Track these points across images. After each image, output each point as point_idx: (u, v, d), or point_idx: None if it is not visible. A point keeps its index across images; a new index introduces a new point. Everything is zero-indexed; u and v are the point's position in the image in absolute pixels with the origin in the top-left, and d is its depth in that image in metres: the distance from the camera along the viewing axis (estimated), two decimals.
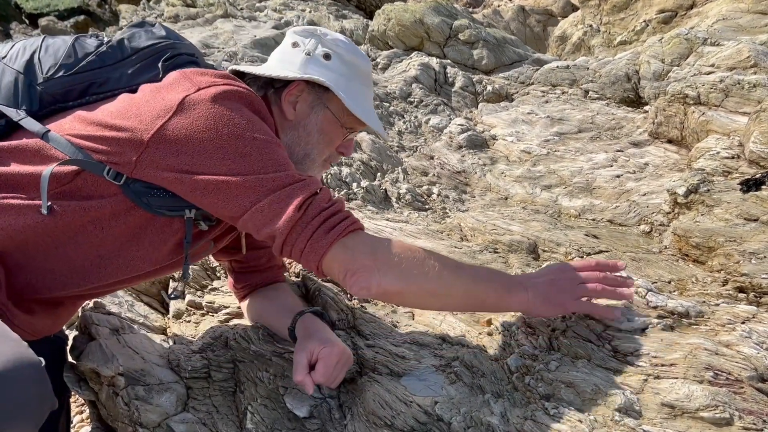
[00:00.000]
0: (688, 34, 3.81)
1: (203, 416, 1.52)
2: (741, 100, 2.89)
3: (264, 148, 1.31)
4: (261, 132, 1.33)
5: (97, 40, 1.54)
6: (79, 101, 1.45)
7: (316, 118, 1.53)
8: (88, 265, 1.40)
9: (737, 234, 2.06)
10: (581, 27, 6.86)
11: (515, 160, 3.46)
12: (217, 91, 1.33)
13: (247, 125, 1.31)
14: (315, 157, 1.57)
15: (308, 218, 1.27)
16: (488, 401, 1.43)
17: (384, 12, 5.83)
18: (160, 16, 9.38)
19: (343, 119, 1.54)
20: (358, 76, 1.56)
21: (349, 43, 1.59)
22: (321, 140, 1.56)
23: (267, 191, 1.27)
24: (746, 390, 1.32)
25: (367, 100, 1.58)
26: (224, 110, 1.31)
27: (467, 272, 1.39)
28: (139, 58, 1.49)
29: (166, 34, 1.57)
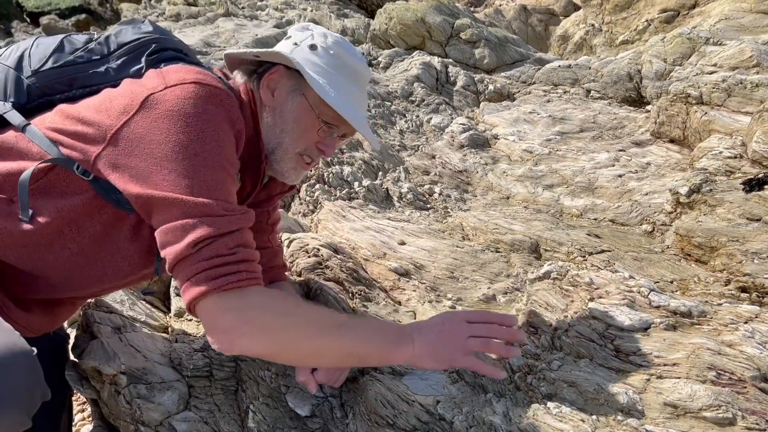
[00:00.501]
0: (690, 33, 3.80)
1: (205, 415, 1.52)
2: (743, 100, 2.88)
3: (204, 167, 1.24)
4: (212, 144, 1.26)
5: (87, 36, 1.54)
6: (66, 94, 1.45)
7: (292, 104, 1.46)
8: (72, 269, 1.38)
9: (740, 234, 2.06)
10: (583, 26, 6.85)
11: (517, 159, 3.45)
12: (182, 91, 1.28)
13: (199, 135, 1.25)
14: (288, 147, 1.48)
15: (198, 258, 1.19)
16: (490, 401, 1.43)
17: (385, 11, 5.82)
18: (161, 14, 9.38)
19: (319, 109, 1.45)
20: (344, 71, 1.48)
21: (343, 41, 1.54)
22: (295, 129, 1.47)
23: (181, 214, 1.20)
24: (749, 390, 1.32)
25: (351, 97, 1.47)
26: (183, 114, 1.26)
27: (349, 333, 1.29)
28: (124, 52, 1.48)
29: (152, 30, 1.55)
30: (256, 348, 1.25)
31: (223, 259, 1.20)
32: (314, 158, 1.53)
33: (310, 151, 1.51)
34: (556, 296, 1.77)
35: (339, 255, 2.11)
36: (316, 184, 2.97)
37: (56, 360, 1.64)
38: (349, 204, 2.78)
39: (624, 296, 1.67)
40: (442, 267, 2.20)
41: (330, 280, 1.96)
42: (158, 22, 8.56)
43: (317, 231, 2.55)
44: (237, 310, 1.20)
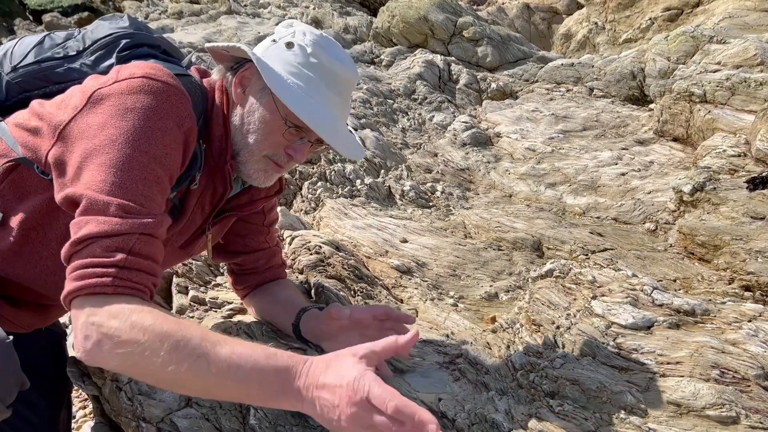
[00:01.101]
0: (693, 31, 3.79)
1: (206, 411, 1.51)
2: (747, 98, 2.87)
3: (125, 164, 1.16)
4: (143, 141, 1.19)
5: (68, 32, 1.53)
6: (43, 90, 1.43)
7: (259, 104, 1.37)
8: (48, 276, 1.35)
9: (743, 232, 2.05)
10: (586, 25, 6.84)
11: (519, 157, 3.45)
12: (127, 85, 1.23)
13: (131, 130, 1.19)
14: (253, 149, 1.39)
15: (78, 257, 1.12)
16: (492, 398, 1.43)
17: (388, 9, 5.81)
18: (163, 12, 9.38)
19: (285, 110, 1.34)
20: (319, 72, 1.36)
21: (326, 40, 1.42)
22: (260, 130, 1.37)
23: (82, 210, 1.14)
24: (753, 388, 1.32)
25: (323, 99, 1.35)
26: (122, 108, 1.21)
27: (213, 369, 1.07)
28: (97, 47, 1.45)
29: (128, 25, 1.51)
30: (109, 362, 1.10)
31: (95, 260, 1.11)
32: (283, 163, 1.42)
33: (277, 156, 1.40)
34: (559, 294, 1.77)
35: (341, 252, 2.10)
36: (318, 181, 2.97)
37: (53, 356, 1.62)
38: (351, 202, 2.78)
39: (627, 294, 1.66)
40: (444, 265, 2.19)
41: (332, 278, 1.96)
42: (160, 19, 8.56)
43: (319, 228, 2.55)
44: (95, 317, 1.09)
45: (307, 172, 3.04)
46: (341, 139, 1.40)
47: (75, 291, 1.10)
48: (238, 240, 1.70)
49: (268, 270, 1.75)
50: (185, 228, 1.47)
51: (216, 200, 1.47)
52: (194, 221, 1.47)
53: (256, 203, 1.62)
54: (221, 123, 1.40)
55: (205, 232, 1.54)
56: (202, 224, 1.51)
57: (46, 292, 1.39)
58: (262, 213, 1.69)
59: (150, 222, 1.16)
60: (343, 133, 1.43)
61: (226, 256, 1.74)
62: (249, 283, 1.77)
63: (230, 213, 1.57)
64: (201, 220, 1.49)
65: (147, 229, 1.15)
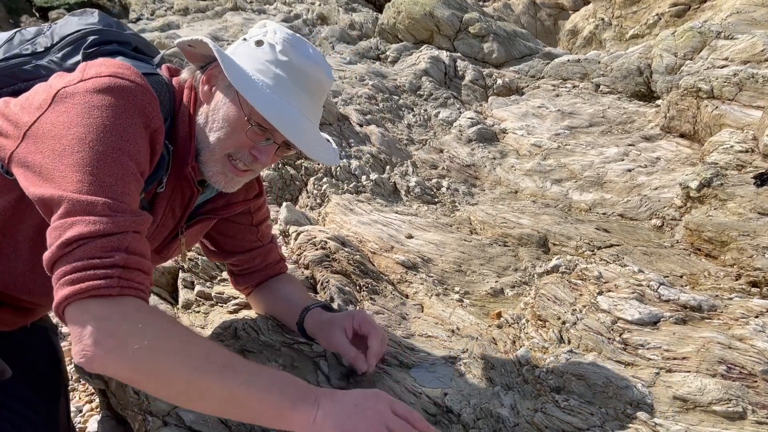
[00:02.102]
0: (701, 27, 3.77)
1: None
2: (755, 94, 2.86)
3: (99, 162, 1.13)
4: (113, 138, 1.15)
5: (38, 28, 1.50)
6: (12, 88, 1.39)
7: (224, 101, 1.32)
8: (20, 278, 1.31)
9: (751, 228, 2.04)
10: (593, 21, 6.81)
11: (525, 153, 3.44)
12: (93, 84, 1.19)
13: (100, 128, 1.14)
14: (214, 147, 1.33)
15: (69, 260, 1.06)
16: (498, 393, 1.42)
17: (394, 5, 5.81)
18: (169, 8, 9.39)
19: (247, 108, 1.29)
20: (288, 70, 1.32)
21: (298, 40, 1.37)
22: (223, 128, 1.32)
23: (64, 213, 1.09)
24: (759, 384, 1.31)
25: (290, 98, 1.30)
26: (88, 106, 1.17)
27: (239, 376, 1.08)
28: (64, 44, 1.41)
29: (96, 21, 1.47)
30: (117, 368, 1.05)
31: (93, 262, 1.05)
32: (248, 165, 1.35)
33: (242, 156, 1.34)
34: (565, 290, 1.76)
35: (346, 248, 2.10)
36: (324, 177, 2.97)
37: (44, 350, 1.60)
38: (357, 197, 2.78)
39: (633, 290, 1.66)
40: (449, 260, 2.19)
41: (337, 273, 1.96)
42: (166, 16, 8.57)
43: (324, 224, 2.55)
44: (100, 321, 1.03)
45: (313, 168, 3.04)
46: (308, 140, 1.33)
47: (73, 295, 1.03)
48: (228, 240, 1.68)
49: (266, 268, 1.74)
50: (157, 232, 1.42)
51: (185, 203, 1.43)
52: (166, 225, 1.43)
53: (233, 206, 1.57)
54: (187, 123, 1.35)
55: (178, 236, 1.49)
56: (174, 228, 1.46)
57: (19, 295, 1.35)
58: (249, 213, 1.66)
59: (138, 219, 1.13)
60: (311, 134, 1.36)
61: (221, 256, 1.72)
62: (249, 283, 1.76)
63: (205, 216, 1.53)
64: (173, 224, 1.45)
65: (137, 226, 1.12)
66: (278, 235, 2.36)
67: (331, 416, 1.10)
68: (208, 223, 1.58)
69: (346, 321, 1.50)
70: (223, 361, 1.09)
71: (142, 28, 7.42)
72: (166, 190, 1.37)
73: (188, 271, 2.08)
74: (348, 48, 5.49)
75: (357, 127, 3.59)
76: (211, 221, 1.58)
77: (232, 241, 1.69)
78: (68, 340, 2.47)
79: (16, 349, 1.24)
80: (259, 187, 1.65)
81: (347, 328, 1.49)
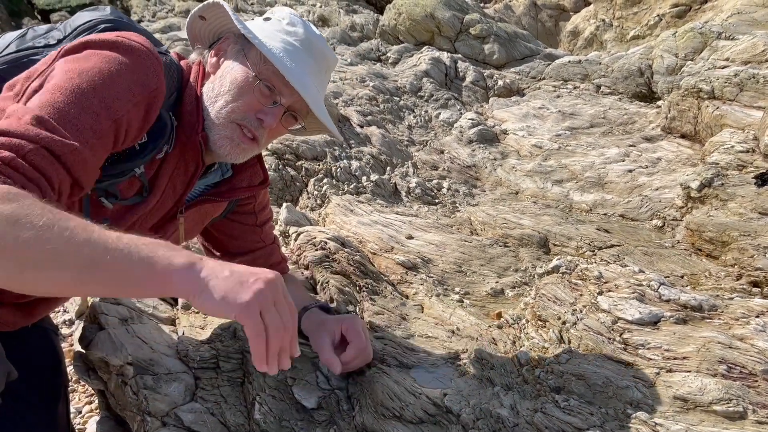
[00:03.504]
0: (702, 28, 3.77)
1: (211, 406, 1.51)
2: (756, 95, 2.85)
3: (70, 94, 1.12)
4: (100, 85, 1.14)
5: (50, 26, 1.52)
6: None
7: (232, 66, 1.35)
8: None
9: (751, 228, 2.04)
10: (593, 22, 6.81)
11: (526, 154, 3.43)
12: (100, 39, 1.21)
13: (91, 72, 1.15)
14: (221, 112, 1.33)
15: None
16: (498, 393, 1.42)
17: (395, 6, 5.81)
18: (171, 10, 9.40)
19: (258, 68, 1.32)
20: (295, 38, 1.36)
21: (303, 21, 1.43)
22: (230, 91, 1.33)
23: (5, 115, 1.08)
24: (760, 383, 1.30)
25: (299, 62, 1.33)
26: (90, 54, 1.18)
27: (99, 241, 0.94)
28: (75, 34, 1.44)
29: (109, 13, 1.50)
30: None
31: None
32: (255, 130, 1.34)
33: (248, 120, 1.33)
34: (565, 290, 1.76)
35: (346, 248, 2.10)
36: (324, 178, 2.97)
37: (45, 352, 1.60)
38: (357, 198, 2.78)
39: (633, 290, 1.65)
40: (449, 261, 2.19)
41: (337, 273, 1.96)
42: (167, 18, 8.58)
43: (325, 225, 2.55)
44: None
45: (313, 168, 3.04)
46: (314, 97, 1.34)
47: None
48: (232, 241, 1.69)
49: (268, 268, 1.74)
50: (156, 209, 1.41)
51: (188, 179, 1.43)
52: (165, 202, 1.43)
53: (237, 191, 1.58)
54: (194, 98, 1.37)
55: (176, 216, 1.48)
56: (173, 206, 1.46)
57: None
58: (254, 213, 1.67)
59: (59, 141, 1.06)
60: (318, 97, 1.39)
61: (223, 258, 1.72)
62: None
63: (207, 198, 1.53)
64: (173, 202, 1.45)
65: (52, 145, 1.05)
66: (278, 236, 2.36)
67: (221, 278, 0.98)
68: (210, 209, 1.58)
69: (336, 325, 1.50)
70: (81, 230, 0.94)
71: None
72: (169, 164, 1.38)
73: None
74: (349, 49, 5.49)
75: (358, 128, 3.59)
76: (213, 208, 1.59)
77: (235, 242, 1.69)
78: (68, 342, 2.47)
79: (17, 350, 1.24)
80: (263, 174, 1.64)
81: (336, 332, 1.49)
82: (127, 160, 1.27)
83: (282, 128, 1.43)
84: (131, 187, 1.33)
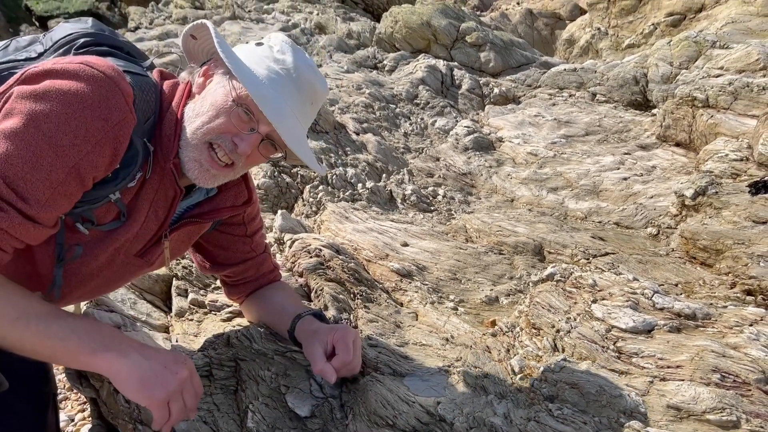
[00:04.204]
0: (696, 37, 3.79)
1: (204, 414, 1.51)
2: (750, 103, 2.86)
3: (23, 146, 1.12)
4: (54, 130, 1.14)
5: (33, 36, 1.51)
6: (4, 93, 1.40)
7: (214, 88, 1.33)
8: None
9: (745, 236, 2.04)
10: (589, 30, 6.84)
11: (522, 162, 3.44)
12: (64, 68, 1.18)
13: (46, 116, 1.14)
14: (196, 132, 1.31)
15: None
16: (491, 402, 1.42)
17: (391, 14, 5.83)
18: (168, 17, 9.42)
19: (239, 92, 1.29)
20: (282, 68, 1.33)
21: (296, 48, 1.41)
22: (208, 111, 1.31)
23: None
24: (753, 392, 1.30)
25: (280, 90, 1.30)
26: (49, 88, 1.16)
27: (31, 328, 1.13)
28: (57, 47, 1.41)
29: (90, 26, 1.48)
30: None
31: None
32: (230, 153, 1.31)
33: (222, 141, 1.30)
34: (559, 298, 1.76)
35: (341, 255, 2.10)
36: (320, 185, 2.97)
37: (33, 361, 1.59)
38: (353, 205, 2.78)
39: (627, 298, 1.65)
40: (444, 268, 2.19)
41: (331, 281, 1.95)
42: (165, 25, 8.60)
43: (320, 232, 2.54)
44: None
45: (309, 176, 3.04)
46: (292, 133, 1.31)
47: None
48: (221, 252, 1.67)
49: (259, 277, 1.73)
50: (140, 234, 1.40)
51: (169, 204, 1.41)
52: (149, 228, 1.41)
53: (219, 211, 1.55)
54: (173, 123, 1.34)
55: (161, 240, 1.46)
56: (158, 231, 1.44)
57: None
58: (243, 224, 1.65)
59: (6, 217, 1.11)
60: (297, 131, 1.35)
61: (215, 269, 1.71)
62: (243, 292, 1.75)
63: (190, 220, 1.51)
64: (156, 227, 1.43)
65: (2, 222, 1.10)
66: (273, 243, 2.35)
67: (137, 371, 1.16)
68: (196, 229, 1.56)
69: (329, 335, 1.49)
70: (15, 314, 1.12)
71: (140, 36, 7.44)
72: (149, 189, 1.36)
73: (182, 279, 2.07)
74: (345, 57, 5.51)
75: (354, 135, 3.59)
76: (199, 227, 1.57)
77: (225, 253, 1.67)
78: None
79: (4, 358, 1.23)
80: (249, 195, 1.61)
81: (328, 341, 1.48)
82: (100, 187, 1.25)
83: (260, 156, 1.39)
84: (108, 213, 1.31)
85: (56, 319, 1.16)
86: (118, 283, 1.54)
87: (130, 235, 1.37)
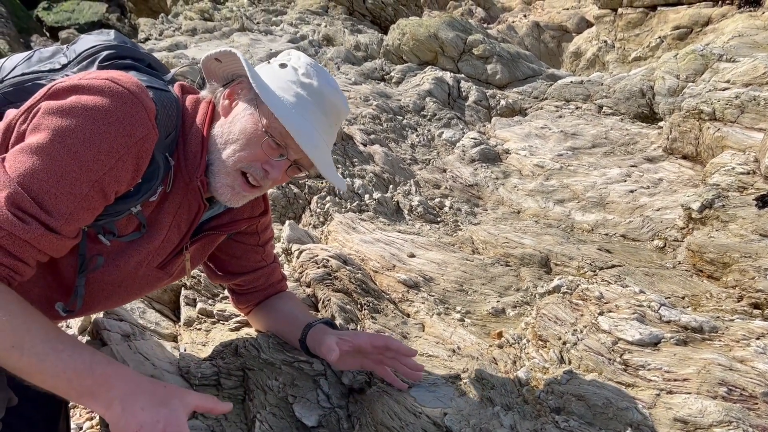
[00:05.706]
0: (703, 50, 3.80)
1: (212, 423, 1.52)
2: (757, 116, 2.87)
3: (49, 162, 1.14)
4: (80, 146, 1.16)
5: (56, 47, 1.53)
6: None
7: (243, 114, 1.34)
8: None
9: (752, 250, 2.04)
10: (596, 43, 6.86)
11: (528, 174, 3.45)
12: (89, 84, 1.20)
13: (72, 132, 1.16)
14: (227, 159, 1.34)
15: None
16: (498, 413, 1.42)
17: (399, 26, 5.87)
18: (177, 29, 9.50)
19: (266, 121, 1.31)
20: (309, 91, 1.36)
21: (320, 67, 1.42)
22: (239, 140, 1.33)
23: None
24: (760, 406, 1.30)
25: (309, 116, 1.34)
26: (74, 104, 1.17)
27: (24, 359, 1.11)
28: (80, 59, 1.44)
29: (112, 38, 1.50)
30: None
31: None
32: (259, 180, 1.35)
33: (254, 170, 1.34)
34: (566, 310, 1.76)
35: (348, 266, 2.11)
36: (327, 196, 2.99)
37: None
38: (360, 216, 2.79)
39: (634, 311, 1.66)
40: (451, 280, 2.19)
41: (339, 291, 1.97)
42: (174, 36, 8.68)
43: (327, 243, 2.56)
44: None
45: (316, 186, 3.06)
46: (322, 157, 1.35)
47: None
48: (234, 261, 1.68)
49: (268, 287, 1.75)
50: (162, 247, 1.42)
51: (192, 218, 1.44)
52: (171, 240, 1.43)
53: (237, 223, 1.58)
54: (199, 139, 1.36)
55: (182, 252, 1.48)
56: (179, 243, 1.46)
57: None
58: (256, 233, 1.67)
59: (29, 229, 1.12)
60: (325, 154, 1.38)
61: (225, 278, 1.72)
62: (251, 301, 1.76)
63: (210, 233, 1.53)
64: (178, 239, 1.45)
65: (25, 234, 1.12)
66: (280, 254, 2.37)
67: (117, 425, 1.12)
68: (213, 239, 1.58)
69: (344, 333, 1.53)
70: (11, 342, 1.10)
71: (150, 48, 7.51)
72: (172, 203, 1.38)
73: (191, 289, 2.09)
74: (353, 69, 5.54)
75: (361, 146, 3.62)
76: (216, 238, 1.59)
77: (237, 262, 1.69)
78: None
79: None
80: (264, 205, 1.65)
81: (342, 337, 1.51)
82: (122, 201, 1.27)
83: (286, 177, 1.43)
84: (129, 225, 1.33)
85: (51, 354, 1.12)
86: (139, 294, 1.55)
87: (152, 248, 1.39)
